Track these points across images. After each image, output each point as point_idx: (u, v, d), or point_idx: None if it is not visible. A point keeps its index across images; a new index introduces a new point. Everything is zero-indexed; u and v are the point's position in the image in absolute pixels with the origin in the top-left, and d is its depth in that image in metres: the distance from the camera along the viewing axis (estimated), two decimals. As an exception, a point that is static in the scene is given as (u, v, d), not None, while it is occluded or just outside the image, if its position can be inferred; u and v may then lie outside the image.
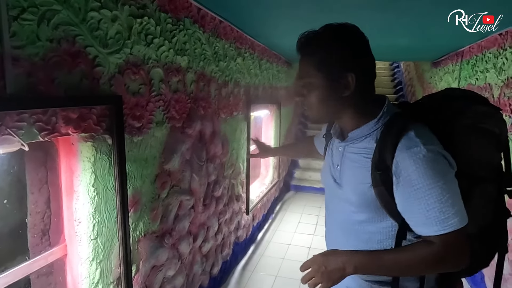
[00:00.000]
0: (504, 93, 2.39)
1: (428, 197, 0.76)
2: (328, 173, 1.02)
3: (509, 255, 2.17)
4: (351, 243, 0.91)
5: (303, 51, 0.90)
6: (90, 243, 1.26)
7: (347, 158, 0.93)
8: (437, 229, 0.77)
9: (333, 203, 1.03)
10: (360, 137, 0.90)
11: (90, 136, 1.21)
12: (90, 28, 1.16)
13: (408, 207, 0.80)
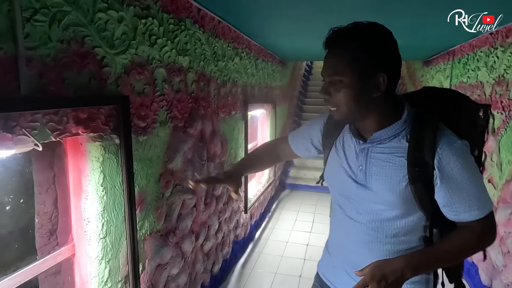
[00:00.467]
0: (495, 90, 2.46)
1: (470, 187, 0.85)
2: (344, 175, 0.98)
3: (502, 248, 2.24)
4: (379, 239, 0.94)
5: (335, 47, 0.86)
6: (99, 242, 1.28)
7: (376, 158, 0.92)
8: (477, 214, 0.85)
9: (352, 204, 0.99)
10: (387, 137, 0.90)
11: (98, 136, 1.22)
12: (98, 29, 1.17)
13: (452, 198, 0.86)
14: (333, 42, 0.86)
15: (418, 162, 0.85)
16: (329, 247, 1.14)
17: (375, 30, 0.85)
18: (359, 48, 0.83)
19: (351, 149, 0.98)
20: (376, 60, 0.83)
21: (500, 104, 2.37)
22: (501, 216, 2.26)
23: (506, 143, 2.27)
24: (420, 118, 0.89)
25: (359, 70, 0.83)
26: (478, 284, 2.58)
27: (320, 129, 1.10)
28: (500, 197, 2.31)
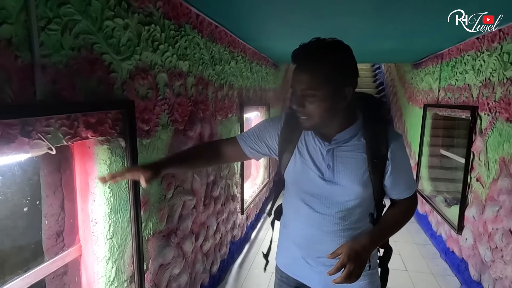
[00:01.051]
0: (482, 93, 2.56)
1: (409, 172, 1.13)
2: (312, 175, 1.08)
3: (490, 243, 2.33)
4: (345, 226, 1.09)
5: (308, 64, 0.95)
6: (107, 243, 1.31)
7: (341, 156, 1.06)
8: (411, 192, 1.13)
9: (319, 200, 1.09)
10: (348, 137, 1.05)
11: (106, 140, 1.27)
12: (106, 36, 1.22)
13: (397, 180, 1.08)
14: (305, 59, 0.95)
15: (376, 155, 1.03)
16: (292, 241, 1.21)
17: (341, 48, 0.97)
18: (330, 65, 0.93)
19: (316, 151, 1.09)
20: (344, 76, 0.96)
21: (487, 106, 2.47)
22: (489, 213, 2.36)
23: (492, 143, 2.37)
24: (371, 118, 1.06)
25: (330, 85, 0.94)
26: (468, 279, 2.67)
27: (277, 133, 1.16)
28: (488, 195, 2.40)
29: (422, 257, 3.35)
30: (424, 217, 4.02)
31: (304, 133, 1.12)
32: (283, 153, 1.15)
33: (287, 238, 1.24)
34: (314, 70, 0.94)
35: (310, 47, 0.95)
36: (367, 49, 3.45)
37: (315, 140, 1.09)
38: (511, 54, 2.16)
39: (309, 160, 1.09)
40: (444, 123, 3.92)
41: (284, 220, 1.28)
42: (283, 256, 1.28)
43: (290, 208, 1.21)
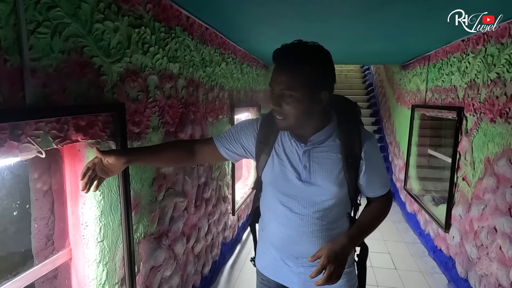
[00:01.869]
0: (468, 94, 2.62)
1: (383, 170, 1.16)
2: (289, 176, 1.10)
3: (476, 241, 2.39)
4: (322, 227, 1.11)
5: (288, 65, 0.97)
6: (97, 246, 1.31)
7: (317, 157, 1.08)
8: (385, 189, 1.16)
9: (297, 201, 1.11)
10: (323, 139, 1.08)
11: (96, 142, 1.26)
12: (96, 39, 1.22)
13: (372, 178, 1.11)
14: (285, 59, 0.97)
15: (350, 155, 1.06)
16: (271, 243, 1.22)
17: (321, 52, 0.99)
18: (309, 68, 0.96)
19: (292, 152, 1.11)
20: (322, 80, 0.99)
21: (472, 106, 2.53)
22: (475, 212, 2.42)
23: (478, 143, 2.43)
24: (345, 119, 1.10)
25: (308, 88, 0.97)
26: (455, 277, 2.73)
27: (254, 135, 1.18)
28: (474, 194, 2.46)
29: (411, 255, 3.41)
30: (412, 216, 4.09)
31: (281, 135, 1.14)
32: (260, 155, 1.16)
33: (265, 240, 1.26)
34: (293, 71, 0.96)
35: (291, 49, 0.98)
36: (356, 51, 3.50)
37: (292, 141, 1.11)
38: (494, 56, 2.22)
39: (286, 161, 1.11)
40: (432, 124, 3.99)
41: (262, 222, 1.28)
42: (262, 259, 1.29)
43: (268, 210, 1.21)
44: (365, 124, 5.62)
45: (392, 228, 4.13)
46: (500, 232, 2.08)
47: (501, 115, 2.12)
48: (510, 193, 1.97)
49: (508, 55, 2.05)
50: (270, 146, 1.14)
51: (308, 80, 0.96)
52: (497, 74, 2.18)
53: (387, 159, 5.73)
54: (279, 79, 0.98)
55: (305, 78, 0.96)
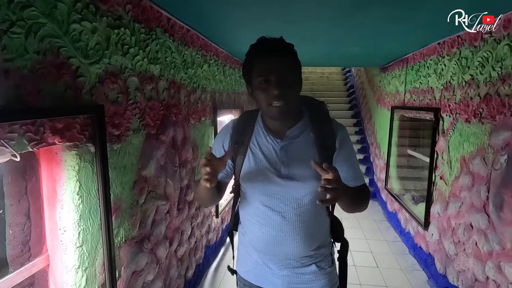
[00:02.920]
0: (444, 95, 2.71)
1: (356, 160, 1.17)
2: (268, 173, 1.10)
3: (454, 238, 2.46)
4: (304, 224, 1.11)
5: (283, 53, 1.02)
6: (76, 251, 1.28)
7: (294, 152, 1.10)
8: (361, 181, 1.16)
9: (277, 199, 1.10)
10: (298, 133, 1.11)
11: (74, 145, 1.23)
12: (73, 40, 1.19)
13: (348, 168, 1.12)
14: (280, 49, 1.02)
15: (325, 146, 1.10)
16: (253, 246, 1.20)
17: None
18: (296, 56, 1.06)
19: (269, 149, 1.12)
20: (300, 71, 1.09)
21: (448, 107, 2.61)
22: (452, 210, 2.49)
23: (454, 143, 2.51)
24: (316, 114, 1.15)
25: (300, 71, 1.07)
26: (435, 273, 2.80)
27: (228, 140, 1.18)
28: (451, 192, 2.54)
29: (392, 253, 3.48)
30: (393, 215, 4.17)
31: (255, 134, 1.15)
32: (237, 156, 1.16)
33: (246, 244, 1.25)
34: (289, 58, 1.03)
35: (280, 41, 1.03)
36: (336, 53, 3.56)
37: (268, 138, 1.12)
38: (468, 59, 2.30)
39: (263, 159, 1.11)
40: (411, 124, 4.09)
41: (242, 227, 1.27)
42: (244, 264, 1.28)
43: (248, 213, 1.20)
44: (347, 126, 5.75)
45: (374, 227, 4.21)
46: (476, 229, 2.15)
47: (475, 115, 2.20)
48: (485, 191, 2.04)
49: (481, 58, 2.13)
50: (245, 146, 1.14)
51: (298, 62, 1.05)
52: (471, 76, 2.26)
53: (369, 160, 5.84)
54: (276, 63, 1.00)
55: (297, 61, 1.05)
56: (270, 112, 1.05)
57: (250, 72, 1.06)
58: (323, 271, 1.18)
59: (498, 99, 1.94)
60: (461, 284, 2.34)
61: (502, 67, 1.90)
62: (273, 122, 1.12)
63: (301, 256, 1.14)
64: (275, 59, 1.01)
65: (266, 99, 1.02)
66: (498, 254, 1.90)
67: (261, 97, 1.03)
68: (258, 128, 1.16)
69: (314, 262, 1.17)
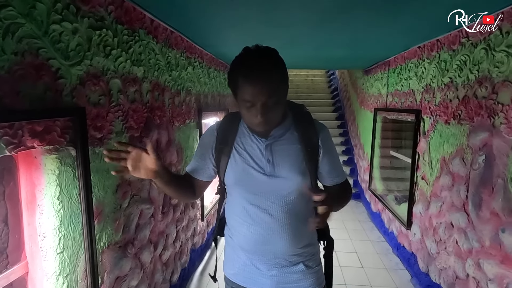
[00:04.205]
0: (424, 97, 2.78)
1: (337, 157, 1.21)
2: (254, 172, 1.10)
3: (435, 237, 2.52)
4: (291, 222, 1.12)
5: (266, 75, 0.97)
6: (57, 257, 1.24)
7: (279, 150, 1.11)
8: (343, 177, 1.21)
9: (263, 198, 1.11)
10: (283, 132, 1.12)
11: (54, 149, 1.20)
12: (53, 41, 1.16)
13: (331, 164, 1.17)
14: (267, 71, 0.97)
15: (309, 144, 1.12)
16: (241, 247, 1.20)
17: (277, 53, 1.04)
18: (282, 73, 1.02)
19: (254, 148, 1.13)
20: (287, 78, 1.06)
21: (429, 109, 2.68)
22: (433, 209, 2.55)
23: (434, 144, 2.57)
24: (298, 114, 1.17)
25: (285, 90, 1.05)
26: (418, 272, 2.86)
27: (213, 141, 1.18)
28: (432, 192, 2.60)
29: (376, 253, 3.53)
30: (377, 215, 4.24)
31: (239, 134, 1.16)
32: (221, 157, 1.16)
33: (234, 246, 1.24)
34: (276, 80, 0.99)
35: (258, 59, 0.99)
36: (320, 56, 3.60)
37: (252, 138, 1.13)
38: (447, 62, 2.37)
39: (249, 158, 1.12)
40: (393, 126, 4.17)
41: (229, 229, 1.27)
42: (231, 266, 1.27)
43: (235, 213, 1.19)
44: (331, 128, 5.78)
45: (358, 227, 4.26)
46: (456, 227, 2.20)
47: (454, 117, 2.26)
48: (464, 190, 2.10)
49: (459, 61, 2.19)
50: (230, 146, 1.15)
51: (284, 83, 1.04)
52: (450, 78, 2.33)
53: (353, 161, 5.92)
54: (262, 90, 0.96)
55: (283, 82, 1.03)
56: (253, 128, 1.08)
57: (235, 87, 1.02)
58: (310, 269, 1.20)
59: (475, 101, 2.00)
60: (442, 281, 2.40)
61: (479, 70, 1.97)
62: None
63: (290, 254, 1.16)
64: (261, 85, 0.96)
65: (250, 118, 1.03)
66: (477, 252, 1.95)
67: (245, 115, 1.04)
68: (242, 128, 1.17)
69: (302, 261, 1.18)
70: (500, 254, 1.74)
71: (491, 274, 1.82)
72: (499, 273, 1.75)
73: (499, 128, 1.76)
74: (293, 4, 1.78)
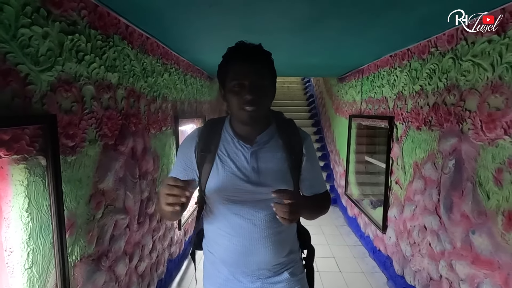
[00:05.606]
0: (397, 104, 2.87)
1: (319, 168, 1.24)
2: (237, 180, 1.07)
3: (410, 239, 2.59)
4: (275, 230, 1.11)
5: (260, 59, 1.04)
6: (25, 273, 1.17)
7: (264, 157, 1.10)
8: (324, 187, 1.23)
9: (247, 207, 1.08)
10: (267, 139, 1.12)
11: (22, 158, 1.14)
12: (21, 45, 1.11)
13: (314, 174, 1.19)
14: (257, 55, 1.04)
15: (293, 152, 1.12)
16: (221, 260, 1.16)
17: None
18: (272, 61, 1.08)
19: (238, 155, 1.10)
20: (275, 77, 1.12)
21: (401, 116, 2.77)
22: (407, 212, 2.62)
23: (407, 149, 2.66)
24: (282, 122, 1.19)
25: (275, 78, 1.11)
26: (393, 274, 2.92)
27: (194, 149, 1.13)
28: (406, 196, 2.68)
29: (353, 257, 3.58)
30: (353, 220, 4.31)
31: (223, 141, 1.13)
32: (203, 165, 1.11)
33: (214, 261, 1.20)
34: (266, 64, 1.05)
35: (250, 45, 1.05)
36: (296, 63, 3.65)
37: (237, 144, 1.11)
38: (417, 70, 2.46)
39: (233, 166, 1.09)
40: (367, 132, 4.28)
41: (208, 243, 1.22)
42: (214, 282, 1.21)
43: (216, 225, 1.15)
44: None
45: (336, 232, 4.32)
46: (429, 230, 2.27)
47: (425, 123, 2.35)
48: (436, 194, 2.18)
49: (429, 70, 2.29)
50: (213, 153, 1.11)
51: (273, 70, 1.08)
52: (420, 86, 2.42)
53: (329, 167, 6.01)
54: (252, 69, 1.01)
55: (272, 69, 1.08)
56: (240, 116, 1.05)
57: (225, 74, 1.05)
58: (295, 277, 1.18)
59: (445, 108, 2.09)
60: (417, 283, 2.46)
61: (448, 78, 2.06)
62: (243, 127, 1.11)
63: (274, 264, 1.14)
64: (251, 64, 1.01)
65: (238, 103, 1.02)
66: (449, 253, 2.02)
67: (233, 100, 1.03)
68: (225, 135, 1.14)
69: (286, 269, 1.17)
70: (471, 255, 1.81)
71: (463, 275, 1.88)
72: (470, 273, 1.81)
73: (467, 133, 1.84)
74: (270, 12, 1.80)
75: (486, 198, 1.68)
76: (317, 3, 1.67)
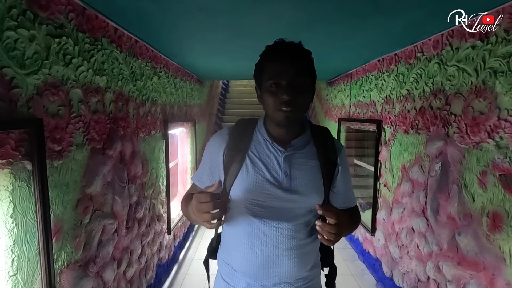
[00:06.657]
0: (385, 108, 2.91)
1: (351, 181, 1.17)
2: (267, 184, 1.00)
3: (398, 242, 2.62)
4: (302, 240, 1.03)
5: (301, 58, 0.97)
6: (9, 280, 1.15)
7: (297, 163, 1.03)
8: (354, 202, 1.19)
9: (274, 212, 1.01)
10: (303, 144, 1.06)
11: (7, 163, 1.12)
12: (7, 48, 1.10)
13: (347, 186, 1.13)
14: (295, 53, 0.97)
15: (327, 161, 1.06)
16: (240, 271, 1.07)
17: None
18: (312, 61, 1.01)
19: (271, 159, 1.02)
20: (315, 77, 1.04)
21: (389, 119, 2.81)
22: (395, 215, 2.66)
23: (395, 152, 2.70)
24: (316, 128, 1.13)
25: (314, 79, 1.03)
26: (382, 276, 2.95)
27: (224, 147, 1.06)
28: (394, 198, 2.71)
29: (343, 260, 3.60)
30: (343, 223, 4.33)
31: (254, 142, 1.06)
32: (231, 165, 1.03)
33: (229, 272, 1.10)
34: (306, 63, 0.98)
35: (291, 43, 0.98)
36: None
37: (270, 147, 1.03)
38: (405, 75, 2.51)
39: (263, 169, 1.01)
40: (356, 135, 4.32)
41: (225, 251, 1.13)
42: None
43: (236, 231, 1.06)
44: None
45: (326, 235, 4.32)
46: (417, 232, 2.31)
47: (412, 127, 2.39)
48: (423, 196, 2.21)
49: (415, 74, 2.33)
50: (243, 154, 1.03)
51: (313, 70, 1.01)
52: (407, 90, 2.46)
53: (319, 170, 6.03)
54: (290, 68, 0.94)
55: (312, 68, 1.00)
56: (277, 117, 0.97)
57: (261, 73, 0.99)
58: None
59: (431, 111, 2.13)
60: (406, 285, 2.49)
61: (434, 83, 2.10)
62: (277, 129, 1.04)
63: (297, 278, 1.05)
64: (288, 62, 0.94)
65: (275, 103, 0.95)
66: (436, 255, 2.05)
67: (270, 101, 0.96)
68: (258, 136, 1.07)
69: (308, 285, 1.09)
70: (457, 256, 1.84)
71: (449, 276, 1.91)
72: (456, 274, 1.84)
73: (453, 137, 1.88)
74: (259, 16, 1.81)
75: (471, 200, 1.72)
76: (305, 8, 1.69)
